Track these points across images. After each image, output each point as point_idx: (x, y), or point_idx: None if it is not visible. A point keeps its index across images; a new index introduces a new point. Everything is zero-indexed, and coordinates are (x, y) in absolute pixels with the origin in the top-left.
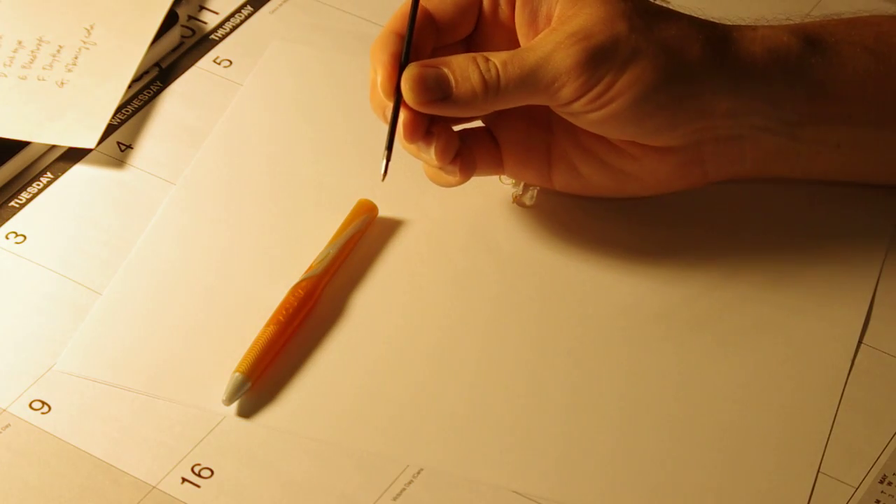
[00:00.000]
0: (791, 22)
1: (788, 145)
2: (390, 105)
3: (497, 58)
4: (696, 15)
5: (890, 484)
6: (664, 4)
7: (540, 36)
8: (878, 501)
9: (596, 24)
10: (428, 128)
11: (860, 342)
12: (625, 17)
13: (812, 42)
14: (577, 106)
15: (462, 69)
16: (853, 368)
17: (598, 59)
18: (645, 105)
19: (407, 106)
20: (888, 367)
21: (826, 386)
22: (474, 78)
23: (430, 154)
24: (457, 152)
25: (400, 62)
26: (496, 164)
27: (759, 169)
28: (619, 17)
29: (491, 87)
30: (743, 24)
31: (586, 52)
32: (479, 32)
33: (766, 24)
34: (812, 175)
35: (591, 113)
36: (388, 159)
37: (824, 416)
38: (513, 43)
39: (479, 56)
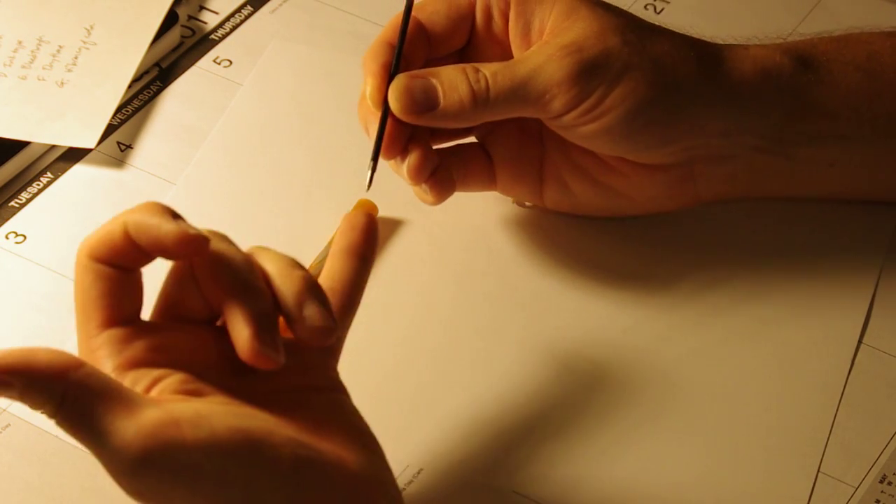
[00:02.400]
0: (782, 41)
1: (782, 165)
2: (375, 118)
3: (487, 69)
4: (688, 33)
5: (890, 484)
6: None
7: (532, 48)
8: (878, 501)
9: (588, 38)
10: (405, 145)
11: (860, 342)
12: (618, 32)
13: (804, 61)
14: (567, 119)
15: (451, 80)
16: (853, 368)
17: (590, 72)
18: (636, 120)
19: (393, 118)
20: (888, 367)
21: (826, 386)
22: (462, 89)
23: (403, 172)
24: (432, 172)
25: (390, 72)
26: (489, 181)
27: (752, 188)
28: (612, 31)
29: (480, 99)
30: (734, 42)
31: (578, 64)
32: (473, 45)
33: (758, 42)
34: (806, 194)
35: (582, 126)
36: (374, 170)
37: (824, 416)
38: (506, 56)
39: (469, 67)
